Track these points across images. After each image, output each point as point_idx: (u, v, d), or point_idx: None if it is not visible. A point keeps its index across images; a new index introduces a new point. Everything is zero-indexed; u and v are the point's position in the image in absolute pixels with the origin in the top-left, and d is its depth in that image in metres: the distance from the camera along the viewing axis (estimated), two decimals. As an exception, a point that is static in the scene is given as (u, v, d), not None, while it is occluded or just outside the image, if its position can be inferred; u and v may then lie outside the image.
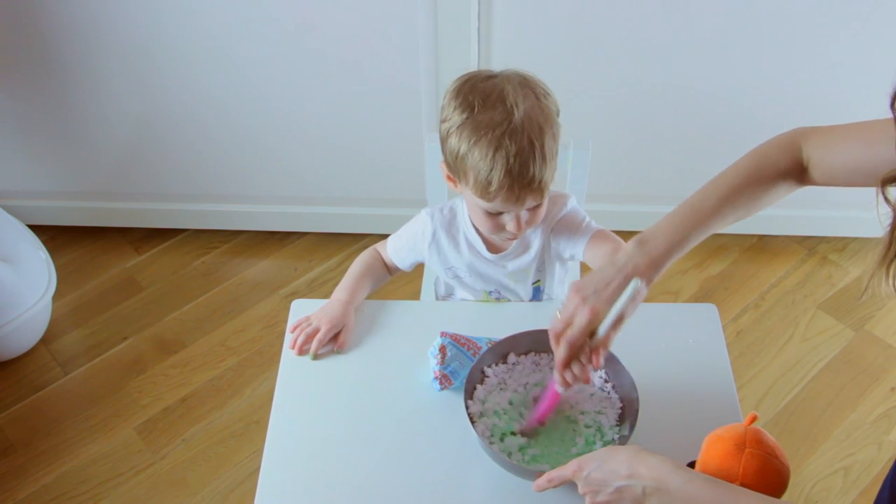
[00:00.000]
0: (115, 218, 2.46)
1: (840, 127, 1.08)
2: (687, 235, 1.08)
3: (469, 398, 1.17)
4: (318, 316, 1.32)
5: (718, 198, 1.09)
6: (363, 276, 1.41)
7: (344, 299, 1.35)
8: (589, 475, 0.98)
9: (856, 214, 2.32)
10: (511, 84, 1.19)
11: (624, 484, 0.96)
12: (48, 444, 2.00)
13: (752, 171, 1.11)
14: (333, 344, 1.30)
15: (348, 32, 2.01)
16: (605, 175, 2.00)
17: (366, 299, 1.39)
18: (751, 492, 0.92)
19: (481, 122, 1.16)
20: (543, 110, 1.19)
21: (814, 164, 1.09)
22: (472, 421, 1.12)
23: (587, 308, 1.04)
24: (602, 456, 0.99)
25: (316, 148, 2.25)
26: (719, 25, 1.96)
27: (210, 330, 2.24)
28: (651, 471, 0.94)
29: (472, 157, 1.17)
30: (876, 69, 1.96)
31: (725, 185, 1.10)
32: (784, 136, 1.13)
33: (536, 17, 1.96)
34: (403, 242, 1.42)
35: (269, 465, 1.17)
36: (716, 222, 1.09)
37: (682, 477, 0.93)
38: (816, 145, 1.09)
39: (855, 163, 1.05)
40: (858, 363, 2.13)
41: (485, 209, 1.23)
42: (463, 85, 1.21)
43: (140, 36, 2.03)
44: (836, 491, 1.88)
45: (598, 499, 0.98)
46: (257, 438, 1.98)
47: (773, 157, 1.11)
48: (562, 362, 1.06)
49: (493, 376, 1.20)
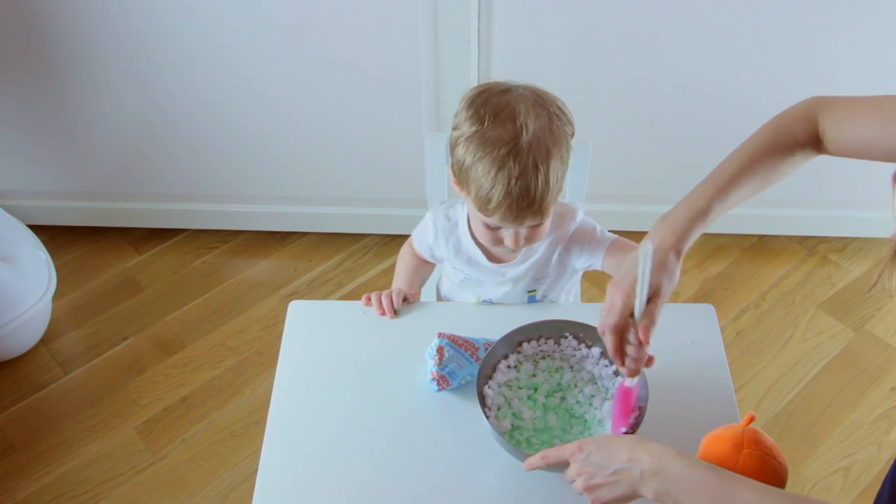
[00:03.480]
0: (115, 218, 2.47)
1: (856, 101, 1.08)
2: (708, 204, 1.08)
3: (483, 389, 1.17)
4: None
5: (737, 167, 1.10)
6: (405, 268, 1.49)
7: (400, 286, 1.45)
8: (588, 457, 0.98)
9: (856, 214, 2.31)
10: (525, 102, 1.18)
11: (622, 467, 0.95)
12: (48, 444, 2.00)
13: (769, 141, 1.12)
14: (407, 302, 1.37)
15: (348, 32, 2.01)
16: (605, 175, 2.00)
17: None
18: (750, 480, 0.92)
19: (489, 139, 1.16)
20: (554, 132, 1.19)
21: (828, 138, 1.10)
22: (486, 409, 1.13)
23: (619, 291, 1.05)
24: (603, 440, 0.99)
25: (316, 148, 2.25)
26: (719, 25, 1.96)
27: (210, 330, 2.24)
28: (652, 455, 0.94)
29: (476, 172, 1.17)
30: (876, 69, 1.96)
31: (744, 155, 1.11)
32: (802, 106, 1.14)
33: (536, 18, 1.96)
34: (419, 241, 1.45)
35: (267, 465, 1.17)
36: (735, 191, 1.09)
37: (683, 462, 0.93)
38: (831, 119, 1.09)
39: (869, 141, 1.06)
40: (858, 363, 2.13)
41: (484, 222, 1.24)
42: (478, 96, 1.21)
43: (140, 36, 2.03)
44: (836, 491, 1.88)
45: (594, 481, 0.97)
46: (257, 438, 1.98)
47: (791, 127, 1.12)
48: (613, 350, 1.07)
49: (504, 370, 1.21)
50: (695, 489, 0.92)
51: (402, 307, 1.35)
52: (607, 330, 1.06)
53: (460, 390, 1.23)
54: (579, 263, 1.37)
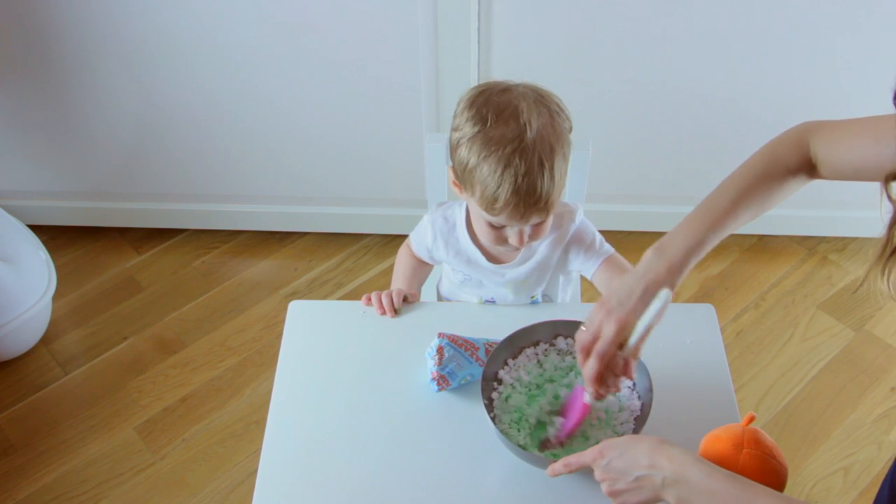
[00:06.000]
0: (115, 218, 2.47)
1: (846, 122, 1.08)
2: (704, 238, 1.08)
3: (488, 392, 1.17)
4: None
5: (731, 198, 1.10)
6: (403, 269, 1.49)
7: (400, 286, 1.43)
8: (609, 463, 0.98)
9: (856, 214, 2.31)
10: (526, 100, 1.18)
11: (644, 473, 0.95)
12: (48, 444, 2.00)
13: (762, 170, 1.11)
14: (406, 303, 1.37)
15: (348, 32, 2.01)
16: (605, 175, 2.00)
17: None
18: (770, 489, 0.92)
19: (493, 138, 1.16)
20: (556, 129, 1.19)
21: (820, 161, 1.10)
22: (492, 411, 1.13)
23: (614, 319, 1.04)
24: (623, 444, 0.99)
25: (316, 148, 2.25)
26: (719, 25, 1.96)
27: (210, 330, 2.24)
28: (672, 462, 0.94)
29: (481, 172, 1.17)
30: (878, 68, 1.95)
31: (737, 185, 1.11)
32: (793, 132, 1.13)
33: (536, 18, 1.96)
34: (416, 243, 1.45)
35: (267, 465, 1.17)
36: (730, 222, 1.09)
37: (702, 470, 0.93)
38: (823, 143, 1.09)
39: (861, 161, 1.05)
40: (858, 363, 2.13)
41: (488, 221, 1.24)
42: (478, 96, 1.21)
43: (140, 36, 2.03)
44: (836, 491, 1.88)
45: (617, 486, 0.98)
46: (257, 438, 1.98)
47: (783, 154, 1.12)
48: (593, 376, 1.06)
49: (510, 371, 1.21)
50: (715, 499, 0.92)
51: (403, 307, 1.35)
52: (595, 355, 1.05)
53: (460, 390, 1.23)
54: (574, 265, 1.38)
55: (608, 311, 1.05)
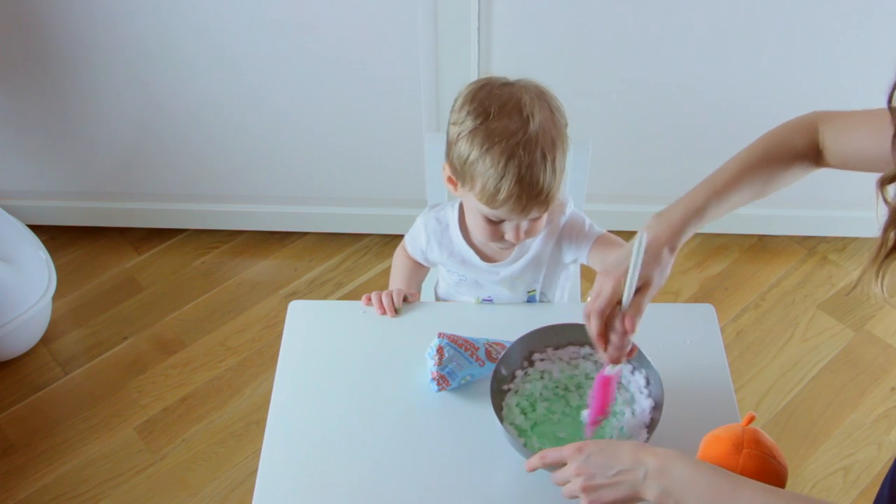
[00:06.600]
0: (115, 218, 2.47)
1: (854, 114, 1.10)
2: (705, 204, 1.09)
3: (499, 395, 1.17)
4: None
5: (734, 172, 1.11)
6: (401, 271, 1.49)
7: (399, 286, 1.44)
8: (589, 458, 0.98)
9: (856, 214, 2.31)
10: (528, 94, 1.19)
11: (626, 468, 0.96)
12: (48, 444, 2.00)
13: (768, 150, 1.13)
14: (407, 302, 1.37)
15: (348, 32, 2.01)
16: (605, 175, 2.00)
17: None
18: (754, 481, 0.92)
19: (495, 130, 1.16)
20: (556, 124, 1.19)
21: (828, 149, 1.12)
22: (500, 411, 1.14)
23: (611, 278, 1.06)
24: (605, 443, 1.00)
25: (316, 148, 2.25)
26: (719, 25, 1.96)
27: (210, 330, 2.24)
28: (656, 457, 0.95)
29: (483, 164, 1.17)
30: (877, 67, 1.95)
31: (742, 161, 1.12)
32: (802, 119, 1.15)
33: (536, 17, 1.96)
34: (411, 245, 1.45)
35: (267, 465, 1.17)
36: (732, 194, 1.11)
37: (687, 463, 0.93)
38: (831, 132, 1.11)
39: (866, 151, 1.07)
40: (858, 363, 2.13)
41: (486, 216, 1.23)
42: (479, 90, 1.20)
43: (140, 36, 2.03)
44: (836, 491, 1.88)
45: (595, 481, 0.97)
46: (257, 438, 1.98)
47: (791, 138, 1.13)
48: (596, 334, 1.07)
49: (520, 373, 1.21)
50: (698, 489, 0.92)
51: (403, 307, 1.35)
52: (592, 313, 1.06)
53: (460, 390, 1.23)
54: (567, 257, 1.37)
55: (605, 272, 1.07)
